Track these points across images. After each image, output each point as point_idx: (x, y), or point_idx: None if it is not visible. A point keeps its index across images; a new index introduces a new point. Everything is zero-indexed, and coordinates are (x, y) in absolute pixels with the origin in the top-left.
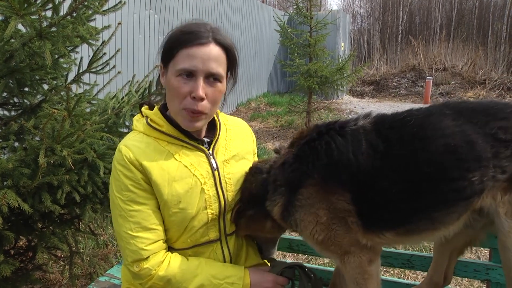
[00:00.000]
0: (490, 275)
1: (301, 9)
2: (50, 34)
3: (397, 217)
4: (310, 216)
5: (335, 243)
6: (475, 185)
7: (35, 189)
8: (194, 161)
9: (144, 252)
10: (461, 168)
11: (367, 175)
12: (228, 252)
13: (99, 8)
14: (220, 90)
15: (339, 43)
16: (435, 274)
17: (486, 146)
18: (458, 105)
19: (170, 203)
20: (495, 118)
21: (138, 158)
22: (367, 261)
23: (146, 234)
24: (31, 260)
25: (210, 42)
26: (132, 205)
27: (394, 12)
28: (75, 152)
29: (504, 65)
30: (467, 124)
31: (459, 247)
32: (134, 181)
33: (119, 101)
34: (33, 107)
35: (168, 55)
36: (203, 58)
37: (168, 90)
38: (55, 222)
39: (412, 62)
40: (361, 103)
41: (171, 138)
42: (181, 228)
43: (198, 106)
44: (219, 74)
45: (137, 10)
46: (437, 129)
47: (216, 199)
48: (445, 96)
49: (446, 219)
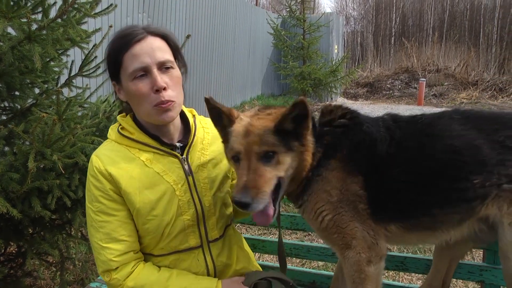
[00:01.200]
0: (484, 276)
1: (294, 12)
2: (40, 37)
3: (403, 209)
4: (323, 194)
5: (338, 230)
6: (477, 188)
7: (25, 194)
8: (166, 167)
9: (112, 263)
10: (463, 169)
11: (382, 160)
12: (211, 259)
13: (89, 11)
14: (177, 76)
15: (333, 45)
16: (434, 279)
17: (491, 152)
18: (468, 111)
19: (143, 210)
20: (504, 127)
21: (107, 168)
22: (365, 260)
23: (115, 245)
24: (21, 267)
25: (147, 36)
26: (101, 215)
27: (387, 15)
28: (66, 156)
29: (495, 66)
30: (473, 130)
31: (460, 255)
32: (103, 192)
33: (111, 104)
34: (23, 111)
35: (115, 67)
36: (147, 52)
37: (131, 98)
38: (46, 228)
39: (405, 64)
40: (355, 105)
41: (142, 145)
42: (157, 235)
43: (164, 96)
44: (168, 60)
45: (130, 13)
46: (444, 130)
47: (191, 204)
48: (438, 97)
49: (447, 219)
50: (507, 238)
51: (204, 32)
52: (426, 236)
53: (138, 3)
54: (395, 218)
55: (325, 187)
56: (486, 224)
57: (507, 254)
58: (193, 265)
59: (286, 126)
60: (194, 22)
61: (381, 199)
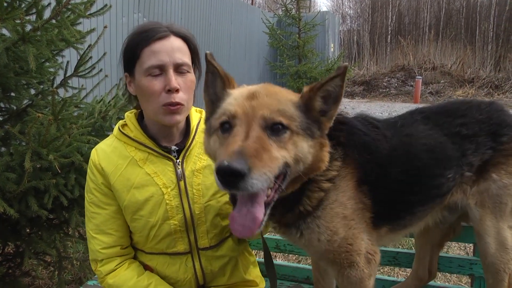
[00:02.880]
0: (474, 269)
1: (290, 11)
2: (34, 38)
3: (394, 211)
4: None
5: (347, 249)
6: (450, 182)
7: (22, 194)
8: (159, 169)
9: (99, 254)
10: (439, 166)
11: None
12: (200, 266)
13: (84, 11)
14: (191, 80)
15: (329, 44)
16: (419, 268)
17: (454, 146)
18: (426, 109)
19: (130, 209)
20: (455, 116)
21: (101, 162)
22: (367, 275)
23: (103, 238)
24: (19, 266)
25: (170, 35)
26: (93, 207)
27: (383, 13)
28: (62, 156)
29: (491, 64)
30: (435, 127)
31: (437, 241)
32: (96, 185)
33: (106, 104)
34: (19, 112)
35: (131, 60)
36: (168, 51)
37: (141, 93)
38: (43, 227)
39: (401, 62)
40: (352, 103)
41: (138, 144)
42: (143, 234)
43: (175, 98)
44: (186, 63)
45: (125, 13)
46: (416, 130)
47: (179, 210)
48: (434, 95)
49: (422, 216)
50: (476, 217)
51: (200, 31)
52: (401, 234)
53: (133, 3)
54: (386, 221)
55: (341, 199)
56: (448, 210)
57: (479, 232)
58: (181, 269)
59: (315, 101)
60: (189, 22)
61: (382, 203)
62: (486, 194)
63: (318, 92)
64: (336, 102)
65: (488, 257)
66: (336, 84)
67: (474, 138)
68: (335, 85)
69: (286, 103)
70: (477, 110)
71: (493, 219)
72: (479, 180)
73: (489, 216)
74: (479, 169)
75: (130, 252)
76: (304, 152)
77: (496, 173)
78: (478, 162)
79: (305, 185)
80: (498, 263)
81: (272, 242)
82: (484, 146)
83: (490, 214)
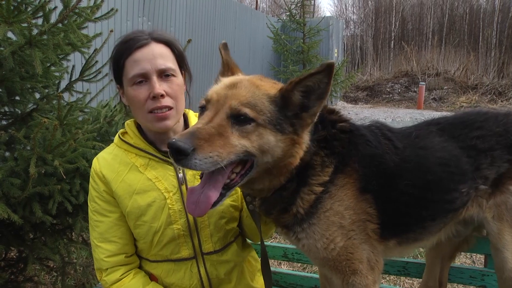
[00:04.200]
0: (486, 281)
1: (294, 16)
2: (40, 42)
3: (404, 224)
4: (335, 216)
5: (348, 257)
6: (464, 196)
7: (26, 199)
8: (160, 174)
9: (103, 263)
10: (453, 180)
11: (390, 173)
12: (205, 271)
13: (90, 15)
14: (177, 84)
15: (332, 49)
16: (430, 279)
17: (469, 160)
18: (442, 121)
19: (132, 215)
20: (471, 128)
21: (102, 170)
22: (372, 282)
23: (107, 246)
24: (22, 272)
25: (150, 42)
26: (96, 215)
27: (386, 18)
28: (67, 162)
29: (495, 70)
30: (450, 140)
31: (448, 253)
32: (98, 193)
33: (112, 109)
34: (24, 116)
35: (118, 72)
36: (149, 58)
37: (130, 103)
38: (47, 233)
39: (405, 68)
40: (355, 109)
41: (139, 150)
42: (147, 241)
43: (160, 102)
44: (169, 68)
45: (130, 17)
46: (431, 143)
47: (182, 214)
48: (438, 101)
49: (434, 230)
50: (494, 231)
51: (204, 36)
52: (412, 247)
53: (138, 8)
54: (395, 234)
55: (337, 208)
56: (464, 224)
57: (496, 246)
58: (186, 276)
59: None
60: (194, 27)
61: (389, 215)
62: (504, 207)
63: (296, 87)
64: (321, 99)
65: (505, 272)
66: (320, 80)
67: (490, 152)
68: (319, 81)
69: (260, 97)
70: (494, 122)
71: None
72: (496, 193)
73: (507, 230)
74: (495, 182)
75: (135, 261)
76: (271, 145)
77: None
78: (494, 176)
79: (300, 187)
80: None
81: (280, 250)
82: (501, 160)
83: (509, 228)
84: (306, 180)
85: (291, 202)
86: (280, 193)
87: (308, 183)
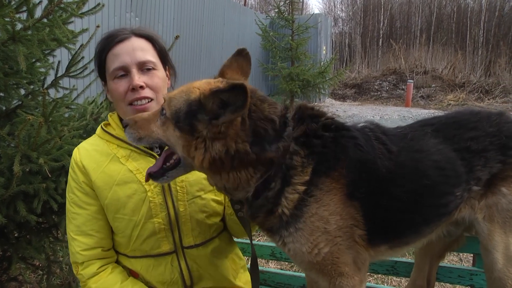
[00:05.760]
0: (474, 280)
1: (283, 13)
2: (24, 37)
3: (396, 230)
4: (320, 221)
5: (333, 261)
6: (458, 199)
7: (10, 198)
8: (141, 166)
9: (79, 256)
10: (448, 184)
11: (381, 179)
12: (185, 265)
13: (76, 10)
14: (158, 76)
15: (321, 46)
16: (418, 278)
17: (463, 162)
18: (437, 121)
19: (112, 207)
20: (466, 129)
21: (82, 160)
22: (358, 282)
23: (83, 239)
24: (6, 271)
25: (131, 36)
26: (74, 207)
27: (375, 16)
28: (52, 159)
29: (482, 69)
30: (445, 141)
31: (438, 252)
32: (77, 184)
33: (98, 106)
34: (8, 113)
35: (101, 67)
36: (128, 51)
37: (112, 97)
38: (32, 231)
39: (393, 66)
40: (343, 106)
41: (121, 141)
42: (126, 235)
43: (140, 93)
44: (149, 60)
45: (118, 12)
46: (427, 145)
47: (163, 207)
48: (426, 99)
49: (427, 233)
50: (485, 232)
51: (192, 32)
52: (404, 250)
53: (125, 3)
54: (387, 239)
55: (322, 213)
56: (455, 224)
57: (487, 246)
58: (167, 270)
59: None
60: (182, 22)
61: (378, 222)
62: (495, 208)
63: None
64: (234, 113)
65: (495, 272)
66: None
67: (484, 153)
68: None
69: (180, 96)
70: (487, 122)
71: (502, 234)
72: (487, 194)
73: (498, 231)
74: (487, 183)
75: (112, 255)
76: (173, 140)
77: (506, 187)
78: (486, 176)
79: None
80: (505, 279)
81: (267, 249)
82: (493, 160)
83: (499, 229)
84: (289, 180)
85: (276, 202)
86: (265, 194)
87: (291, 182)
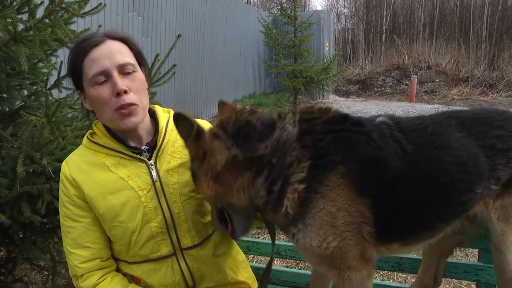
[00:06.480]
0: (480, 275)
1: (285, 10)
2: (26, 38)
3: (409, 228)
4: (327, 216)
5: (342, 255)
6: (477, 196)
7: (14, 199)
8: (132, 172)
9: (78, 269)
10: (469, 181)
11: (394, 180)
12: (186, 267)
13: (78, 10)
14: (139, 79)
15: (324, 43)
16: (425, 275)
17: (487, 160)
18: (462, 115)
19: (107, 216)
20: (492, 127)
21: (72, 173)
22: (367, 275)
23: (81, 252)
24: (12, 272)
25: (105, 39)
26: (68, 221)
27: (378, 12)
28: (56, 160)
29: (485, 63)
30: (470, 137)
31: (448, 249)
32: (68, 197)
33: None
34: (11, 114)
35: (77, 75)
36: (106, 55)
37: (93, 105)
38: (37, 232)
39: (396, 61)
40: (347, 103)
41: (109, 150)
42: (125, 242)
43: (125, 100)
44: (129, 63)
45: (120, 12)
46: (450, 140)
47: (158, 211)
48: (430, 94)
49: (443, 229)
50: (498, 231)
51: (195, 30)
52: (420, 246)
53: (128, 2)
54: (398, 237)
55: (329, 208)
56: (469, 220)
57: (499, 247)
58: (168, 273)
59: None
60: (184, 21)
61: (389, 221)
62: (511, 209)
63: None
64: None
65: (507, 273)
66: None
67: (507, 152)
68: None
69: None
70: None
71: None
72: (504, 194)
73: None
74: (506, 183)
75: (112, 264)
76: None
77: None
78: (506, 177)
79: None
80: None
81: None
82: None
83: None
84: (288, 180)
85: (279, 203)
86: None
87: (290, 182)
